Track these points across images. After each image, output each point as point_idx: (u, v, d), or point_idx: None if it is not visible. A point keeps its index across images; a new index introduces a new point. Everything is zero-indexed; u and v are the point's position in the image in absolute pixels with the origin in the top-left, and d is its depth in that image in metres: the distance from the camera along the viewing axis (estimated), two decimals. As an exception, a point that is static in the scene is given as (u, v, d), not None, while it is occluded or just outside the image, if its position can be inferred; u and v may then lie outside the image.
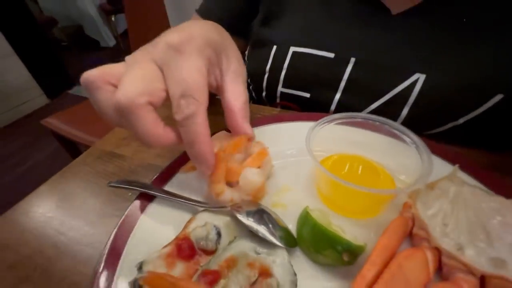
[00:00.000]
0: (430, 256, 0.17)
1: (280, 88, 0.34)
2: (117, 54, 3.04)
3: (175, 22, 1.09)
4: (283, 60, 0.33)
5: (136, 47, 0.22)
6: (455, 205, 0.18)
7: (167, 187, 0.24)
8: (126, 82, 0.18)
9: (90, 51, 3.15)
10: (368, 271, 0.16)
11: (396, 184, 0.22)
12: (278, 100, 0.35)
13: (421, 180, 0.18)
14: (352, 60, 0.30)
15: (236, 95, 0.22)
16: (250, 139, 0.23)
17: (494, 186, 0.21)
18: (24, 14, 2.18)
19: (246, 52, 0.40)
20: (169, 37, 0.19)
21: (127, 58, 0.21)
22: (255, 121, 0.30)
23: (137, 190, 0.23)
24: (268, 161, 0.24)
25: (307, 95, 0.33)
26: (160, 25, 1.16)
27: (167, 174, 0.24)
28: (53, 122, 1.11)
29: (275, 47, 0.33)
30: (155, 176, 0.24)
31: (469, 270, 0.16)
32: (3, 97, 1.93)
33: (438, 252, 0.17)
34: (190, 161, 0.25)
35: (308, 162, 0.21)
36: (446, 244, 0.16)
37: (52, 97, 2.20)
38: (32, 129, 1.89)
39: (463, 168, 0.22)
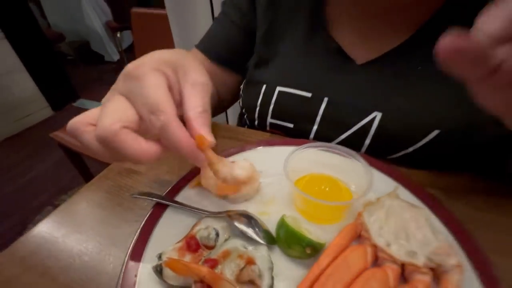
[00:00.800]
0: (369, 250, 0.23)
1: (269, 119, 0.41)
2: (120, 68, 3.14)
3: (179, 44, 1.18)
4: (271, 97, 0.40)
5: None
6: (388, 214, 0.24)
7: (177, 198, 0.30)
8: (100, 118, 0.20)
9: (94, 65, 3.25)
10: (322, 261, 0.22)
11: (352, 196, 0.28)
12: (268, 128, 0.42)
13: (363, 194, 0.25)
14: (325, 99, 0.37)
15: (193, 104, 0.22)
16: (209, 143, 0.23)
17: (424, 198, 0.28)
18: (34, 30, 2.27)
19: (241, 87, 0.47)
20: (125, 69, 0.22)
21: (102, 100, 0.23)
22: (248, 144, 0.38)
23: (154, 200, 0.29)
24: (257, 178, 0.31)
25: (291, 125, 0.40)
26: (165, 42, 1.23)
27: (177, 188, 0.31)
28: (61, 135, 1.17)
29: (264, 86, 0.41)
30: (168, 190, 0.31)
31: (393, 260, 0.22)
32: (9, 109, 1.99)
33: (375, 247, 0.23)
34: (195, 178, 0.32)
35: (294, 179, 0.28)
36: (380, 242, 0.23)
37: (56, 109, 2.27)
38: (35, 141, 1.94)
39: (405, 185, 0.29)
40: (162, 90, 0.21)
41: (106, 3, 2.99)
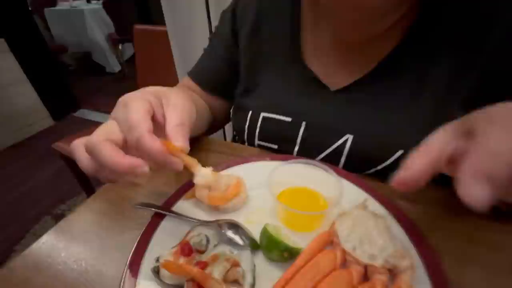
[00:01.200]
0: (338, 254, 0.27)
1: (256, 141, 0.46)
2: (121, 79, 3.22)
3: (178, 58, 1.23)
4: (256, 122, 0.44)
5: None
6: (355, 223, 0.28)
7: (173, 208, 0.34)
8: (91, 135, 0.25)
9: (95, 75, 3.31)
10: (298, 263, 0.26)
11: (328, 207, 0.32)
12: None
13: (333, 205, 0.29)
14: (303, 123, 0.41)
15: (170, 120, 0.27)
16: (182, 150, 0.27)
17: (390, 208, 0.32)
18: (38, 42, 2.32)
19: (231, 111, 0.52)
20: (120, 99, 0.28)
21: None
22: (240, 159, 0.42)
23: (153, 210, 0.33)
24: (244, 190, 0.34)
25: (276, 146, 0.45)
26: (165, 57, 1.28)
27: (174, 199, 0.35)
28: (62, 145, 1.21)
29: (250, 112, 0.45)
30: (165, 200, 0.35)
31: (358, 262, 0.26)
32: (11, 119, 2.03)
33: (344, 252, 0.27)
34: (190, 191, 0.35)
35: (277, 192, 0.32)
36: (347, 247, 0.27)
37: (57, 119, 2.31)
38: (36, 150, 1.97)
39: (374, 196, 0.33)
40: (140, 112, 0.26)
41: (109, 16, 3.09)
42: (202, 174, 0.31)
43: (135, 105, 0.26)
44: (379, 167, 0.37)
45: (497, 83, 0.33)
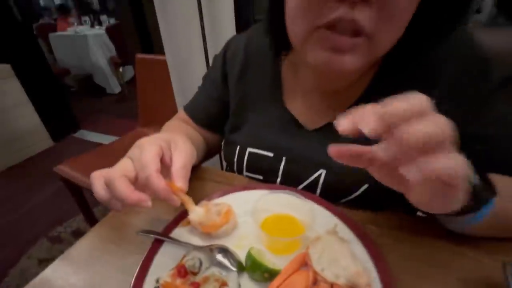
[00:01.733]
0: (310, 274, 0.32)
1: (244, 172, 0.51)
2: (121, 100, 3.32)
3: (176, 85, 1.31)
4: (243, 156, 0.50)
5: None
6: (324, 247, 0.33)
7: (172, 235, 0.39)
8: (109, 170, 0.32)
9: (96, 97, 3.40)
10: (275, 282, 0.31)
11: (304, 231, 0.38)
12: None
13: (308, 229, 0.35)
14: (284, 158, 0.47)
15: (175, 164, 0.34)
16: (182, 190, 0.33)
17: (358, 232, 0.37)
18: (42, 65, 2.41)
19: (222, 144, 0.58)
20: (136, 142, 0.35)
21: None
22: (231, 188, 0.47)
23: (153, 236, 0.38)
24: (233, 218, 0.40)
25: (261, 177, 0.50)
26: (165, 84, 1.36)
27: (172, 226, 0.40)
28: (63, 168, 1.24)
29: (238, 146, 0.51)
30: (165, 227, 0.40)
31: (325, 281, 0.31)
32: (12, 140, 2.07)
33: (315, 272, 0.32)
34: (186, 218, 0.41)
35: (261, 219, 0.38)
36: (317, 268, 0.32)
37: (57, 140, 2.36)
38: (34, 172, 2.00)
39: (345, 222, 0.39)
40: (151, 155, 0.32)
41: (111, 41, 3.23)
42: (196, 213, 0.37)
43: (148, 148, 0.33)
44: (349, 198, 0.43)
45: None
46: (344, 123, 0.21)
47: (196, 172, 0.54)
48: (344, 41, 0.30)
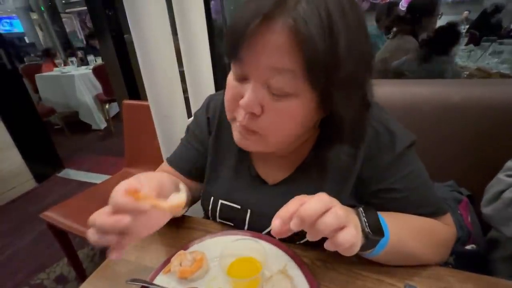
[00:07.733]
0: (263, 307, 0.42)
1: (217, 219, 0.61)
2: (107, 135, 3.36)
3: (159, 129, 1.41)
4: (217, 206, 0.60)
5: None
6: (274, 284, 0.44)
7: (155, 281, 0.48)
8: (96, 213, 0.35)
9: (81, 134, 3.41)
10: (236, 315, 0.40)
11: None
12: None
13: (260, 271, 0.45)
14: (249, 210, 0.58)
15: (143, 186, 0.37)
16: (147, 196, 0.36)
17: (302, 267, 0.48)
18: (27, 106, 2.42)
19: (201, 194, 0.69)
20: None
21: None
22: (206, 236, 0.57)
23: (140, 284, 0.47)
24: (206, 263, 0.49)
25: (232, 224, 0.60)
26: (149, 127, 1.46)
27: (155, 274, 0.49)
28: (49, 214, 1.26)
29: (212, 197, 0.61)
30: (150, 275, 0.49)
31: (274, 312, 0.41)
32: (-6, 184, 2.05)
33: (267, 305, 0.42)
34: (167, 266, 0.50)
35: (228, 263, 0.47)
36: (268, 301, 0.42)
37: (41, 181, 2.34)
38: (16, 215, 1.96)
39: (293, 260, 0.50)
40: (121, 185, 0.35)
41: (98, 80, 3.34)
42: (171, 199, 0.38)
43: (122, 183, 0.35)
44: (302, 241, 0.54)
45: (364, 186, 0.52)
46: (277, 226, 0.36)
47: (179, 222, 0.64)
48: (245, 133, 0.44)
